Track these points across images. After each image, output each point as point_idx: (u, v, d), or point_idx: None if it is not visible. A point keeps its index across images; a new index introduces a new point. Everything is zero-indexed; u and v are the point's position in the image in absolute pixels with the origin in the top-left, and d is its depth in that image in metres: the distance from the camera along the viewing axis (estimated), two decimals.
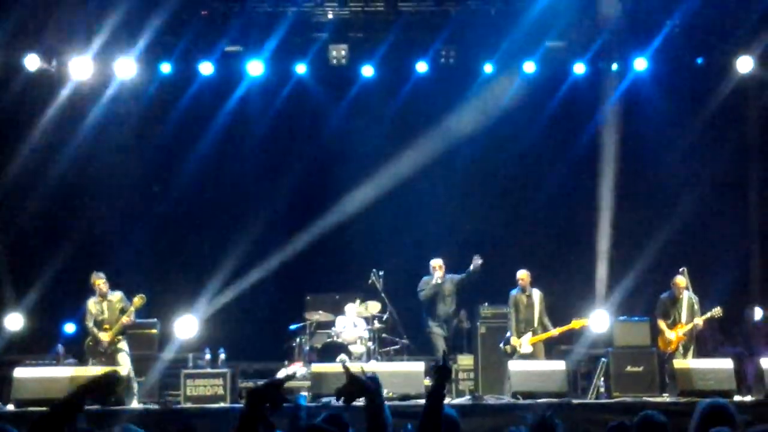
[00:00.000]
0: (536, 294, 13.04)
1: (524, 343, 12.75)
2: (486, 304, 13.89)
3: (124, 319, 12.01)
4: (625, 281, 15.46)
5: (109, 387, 3.98)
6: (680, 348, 12.73)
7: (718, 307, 12.81)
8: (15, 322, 14.19)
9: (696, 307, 12.83)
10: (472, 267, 13.22)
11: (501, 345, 12.97)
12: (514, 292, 13.09)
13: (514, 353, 12.77)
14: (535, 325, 12.89)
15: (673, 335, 12.73)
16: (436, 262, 13.51)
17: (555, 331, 12.87)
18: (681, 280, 12.89)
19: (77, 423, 3.97)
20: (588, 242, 15.84)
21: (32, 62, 14.52)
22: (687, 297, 12.86)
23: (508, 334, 12.96)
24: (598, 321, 13.52)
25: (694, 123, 15.55)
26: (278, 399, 3.55)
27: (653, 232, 15.62)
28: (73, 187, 15.60)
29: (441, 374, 4.20)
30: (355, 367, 4.10)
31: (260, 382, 3.64)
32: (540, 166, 16.24)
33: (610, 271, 15.58)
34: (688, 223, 15.45)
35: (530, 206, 16.01)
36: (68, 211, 15.57)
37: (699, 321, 12.71)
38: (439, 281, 13.44)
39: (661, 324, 12.90)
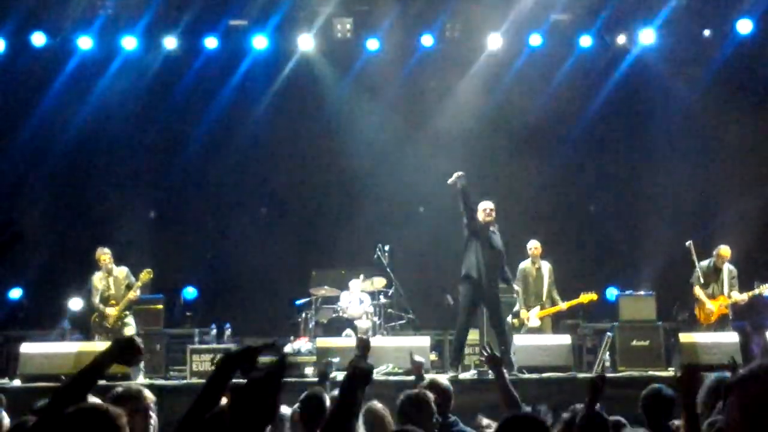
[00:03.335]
0: (545, 266, 12.89)
1: (532, 316, 12.68)
2: None
3: (131, 295, 12.01)
4: (634, 254, 15.50)
5: (130, 351, 4.00)
6: (720, 320, 12.51)
7: (767, 284, 12.52)
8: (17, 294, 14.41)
9: (735, 279, 12.61)
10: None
11: (509, 318, 12.90)
12: (523, 264, 12.92)
13: (522, 327, 12.71)
14: (544, 298, 12.73)
15: (713, 306, 12.52)
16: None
17: (563, 306, 12.80)
18: (725, 250, 12.56)
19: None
20: (595, 216, 15.82)
21: (38, 39, 14.51)
22: (728, 269, 12.64)
23: (517, 307, 12.87)
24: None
25: (701, 94, 15.45)
26: (250, 366, 3.46)
27: (661, 204, 15.59)
28: (77, 162, 15.62)
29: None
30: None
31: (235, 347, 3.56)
32: (547, 138, 16.16)
33: (618, 243, 15.59)
34: (697, 195, 15.41)
35: (537, 180, 15.96)
36: (73, 187, 15.59)
37: (744, 296, 12.47)
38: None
39: (701, 294, 12.59)
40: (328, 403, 5.50)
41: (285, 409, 6.34)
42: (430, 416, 5.56)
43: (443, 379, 6.29)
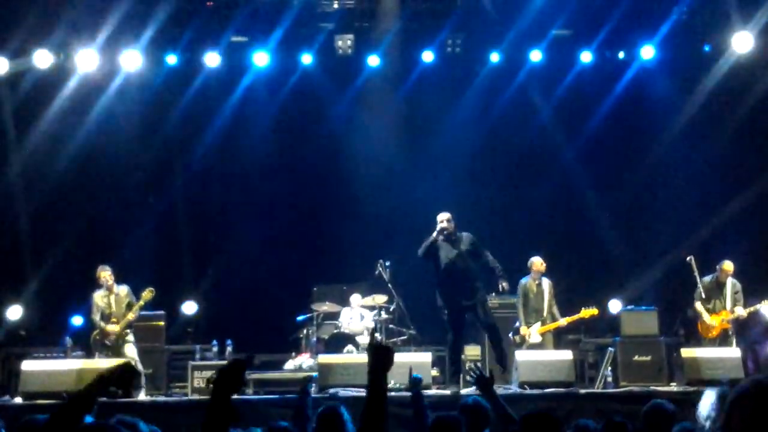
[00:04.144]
0: (546, 283, 12.90)
1: (533, 332, 12.67)
2: (493, 294, 13.70)
3: (130, 316, 12.00)
4: (635, 269, 15.48)
5: (126, 379, 3.95)
6: (722, 334, 12.53)
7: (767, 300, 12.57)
8: (15, 312, 14.35)
9: (739, 294, 12.66)
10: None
11: (510, 335, 12.89)
12: (524, 280, 12.91)
13: (523, 343, 12.70)
14: (545, 314, 12.75)
15: (714, 321, 12.53)
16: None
17: (564, 321, 12.78)
18: (728, 265, 12.61)
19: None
20: (597, 230, 15.82)
21: (40, 56, 14.54)
22: (731, 283, 12.68)
23: (518, 323, 12.87)
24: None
25: (701, 110, 15.47)
26: (236, 384, 3.46)
27: (661, 220, 15.60)
28: (79, 179, 15.60)
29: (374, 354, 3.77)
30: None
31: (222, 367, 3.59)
32: (548, 153, 16.18)
33: (619, 258, 15.58)
34: (697, 211, 15.40)
35: (537, 195, 15.97)
36: (75, 204, 15.58)
37: (744, 312, 12.55)
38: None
39: (701, 308, 12.64)
40: (342, 418, 5.31)
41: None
42: None
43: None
